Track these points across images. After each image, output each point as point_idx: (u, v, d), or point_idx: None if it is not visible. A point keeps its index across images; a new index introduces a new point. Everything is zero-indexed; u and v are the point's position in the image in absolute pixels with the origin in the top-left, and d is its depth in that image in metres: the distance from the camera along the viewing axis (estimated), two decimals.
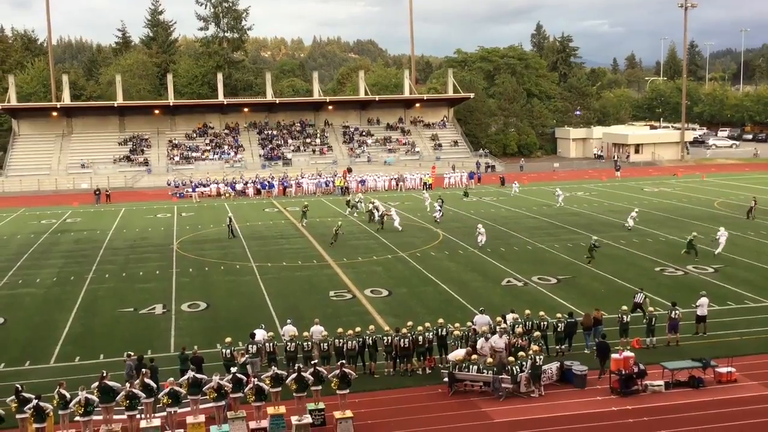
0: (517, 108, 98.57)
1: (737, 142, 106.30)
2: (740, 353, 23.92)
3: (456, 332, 23.85)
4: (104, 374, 19.41)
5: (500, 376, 21.43)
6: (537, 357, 21.73)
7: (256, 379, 19.91)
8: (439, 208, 50.92)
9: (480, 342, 23.20)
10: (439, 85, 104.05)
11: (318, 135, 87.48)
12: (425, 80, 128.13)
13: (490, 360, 22.17)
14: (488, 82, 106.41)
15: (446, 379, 22.06)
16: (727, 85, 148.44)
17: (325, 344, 23.01)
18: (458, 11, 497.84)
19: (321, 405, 19.81)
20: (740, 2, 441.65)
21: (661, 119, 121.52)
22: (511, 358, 21.86)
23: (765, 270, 35.04)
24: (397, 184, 69.41)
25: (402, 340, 23.12)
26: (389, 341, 23.22)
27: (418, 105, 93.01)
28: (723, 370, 22.16)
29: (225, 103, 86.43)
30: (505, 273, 35.61)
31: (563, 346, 24.92)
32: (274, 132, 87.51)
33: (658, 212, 51.68)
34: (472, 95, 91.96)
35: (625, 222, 46.67)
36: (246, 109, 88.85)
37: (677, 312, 25.43)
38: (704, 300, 26.40)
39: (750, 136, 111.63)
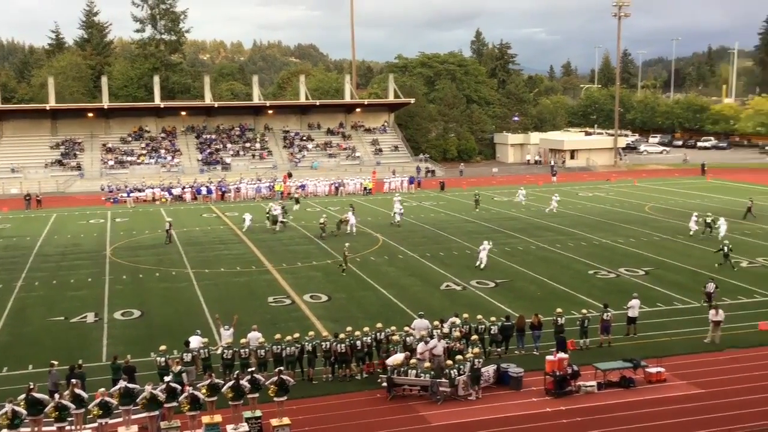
0: (457, 113, 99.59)
1: (668, 148, 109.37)
2: (669, 353, 24.62)
3: (395, 337, 23.93)
4: (31, 386, 18.83)
5: (438, 380, 21.58)
6: (476, 360, 21.97)
7: (191, 388, 19.59)
8: (399, 211, 51.20)
9: (419, 346, 23.34)
10: (380, 90, 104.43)
11: (258, 139, 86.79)
12: (366, 85, 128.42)
13: (428, 364, 22.30)
14: (429, 88, 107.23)
15: (385, 384, 22.11)
16: (659, 93, 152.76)
17: (263, 351, 22.81)
18: (399, 17, 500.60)
19: (258, 413, 19.61)
20: (671, 12, 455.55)
21: (596, 125, 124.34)
22: (450, 362, 22.04)
23: (693, 272, 36.12)
24: (337, 190, 69.33)
25: (340, 345, 23.08)
26: (328, 347, 23.16)
27: (358, 110, 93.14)
28: (653, 370, 22.77)
29: (162, 106, 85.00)
30: (444, 277, 35.89)
31: (500, 349, 25.29)
32: (213, 136, 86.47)
33: (592, 216, 52.81)
34: (412, 100, 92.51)
35: (548, 206, 50.02)
36: (183, 113, 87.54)
37: (609, 314, 26.04)
38: (635, 302, 27.09)
39: (680, 143, 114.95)
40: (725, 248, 37.46)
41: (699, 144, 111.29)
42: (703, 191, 66.14)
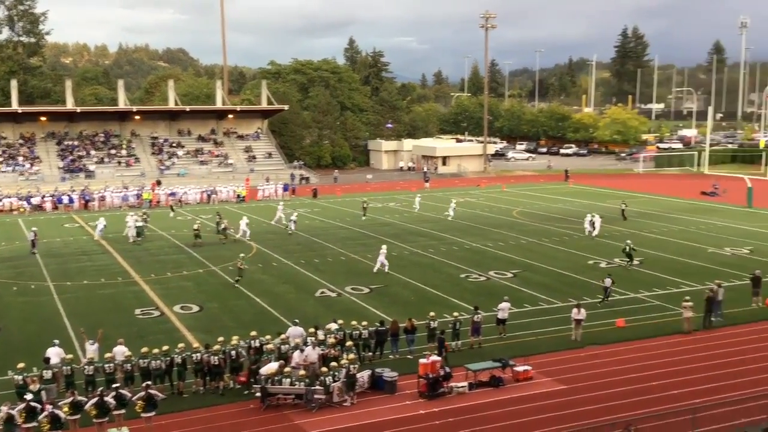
0: (331, 120, 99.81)
1: (533, 155, 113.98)
2: (536, 352, 25.60)
3: (269, 345, 23.61)
4: None
5: (313, 388, 21.46)
6: (351, 366, 22.00)
7: (51, 407, 18.55)
8: (293, 219, 50.87)
9: (295, 354, 23.14)
10: (253, 96, 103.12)
11: (124, 146, 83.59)
12: (239, 91, 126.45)
13: (303, 372, 22.13)
14: (302, 95, 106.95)
15: (258, 394, 21.76)
16: (524, 102, 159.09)
17: (129, 365, 21.92)
18: (272, 22, 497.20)
19: (125, 430, 18.85)
20: (535, 25, 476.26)
21: (466, 133, 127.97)
22: (324, 369, 21.97)
23: (557, 273, 37.73)
24: (210, 197, 67.84)
25: (212, 356, 22.53)
26: (199, 358, 22.55)
27: (231, 116, 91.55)
28: (520, 368, 23.58)
29: (19, 111, 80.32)
30: (319, 284, 35.80)
31: (375, 353, 25.48)
32: (75, 143, 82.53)
33: (463, 221, 54.18)
34: (286, 107, 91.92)
35: (446, 212, 52.83)
36: (43, 118, 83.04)
37: (479, 315, 26.78)
38: (505, 305, 27.95)
39: (544, 150, 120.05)
40: (627, 248, 39.57)
41: (562, 151, 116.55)
42: (566, 196, 69.29)
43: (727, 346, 26.54)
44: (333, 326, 25.38)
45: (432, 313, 26.70)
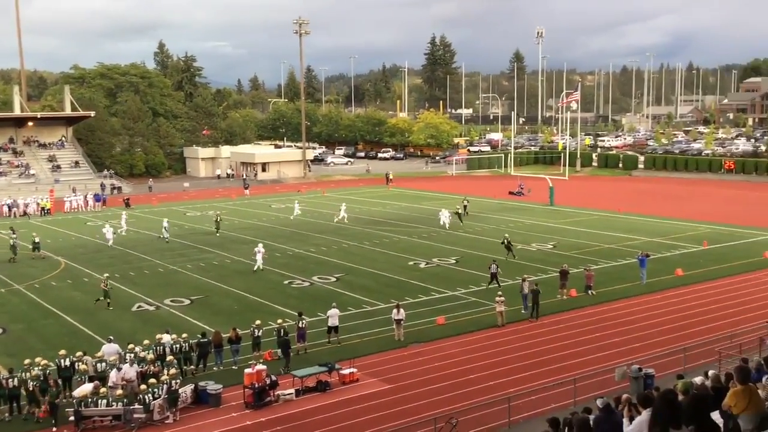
0: (143, 127, 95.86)
1: (352, 160, 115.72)
2: (361, 354, 25.93)
3: (82, 366, 22.24)
4: None
5: (132, 407, 20.44)
6: (173, 381, 21.17)
7: None
8: (165, 229, 49.21)
9: (112, 374, 21.95)
10: (56, 102, 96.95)
11: None
12: (39, 97, 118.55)
13: (120, 392, 21.02)
14: (110, 100, 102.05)
15: (72, 418, 20.40)
16: (341, 107, 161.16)
17: None
18: (75, 25, 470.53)
19: None
20: (349, 32, 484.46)
21: (285, 138, 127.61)
22: (144, 387, 20.98)
23: (378, 275, 38.49)
24: (11, 210, 62.89)
25: (11, 380, 20.86)
26: (4, 383, 20.80)
27: (31, 123, 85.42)
28: (346, 371, 23.79)
29: None
30: (136, 298, 34.24)
31: (198, 366, 24.74)
32: None
33: (285, 228, 53.95)
34: (92, 113, 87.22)
35: (337, 216, 54.97)
36: None
37: (304, 321, 26.74)
38: (335, 311, 27.99)
39: (362, 154, 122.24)
40: (505, 241, 41.99)
41: (379, 155, 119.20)
42: (386, 199, 70.93)
43: (537, 337, 28.26)
44: (166, 337, 24.43)
45: (258, 322, 26.36)
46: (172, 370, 21.97)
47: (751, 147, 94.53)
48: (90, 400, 20.45)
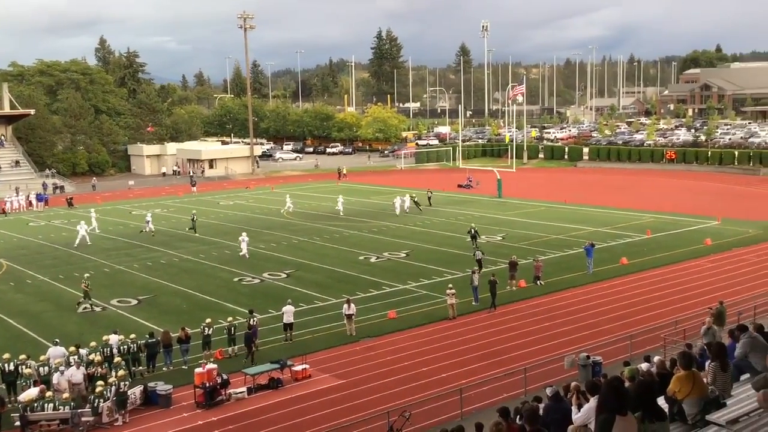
0: (85, 125, 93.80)
1: (301, 155, 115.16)
2: (313, 350, 25.83)
3: (27, 370, 21.72)
4: None
5: (79, 410, 20.04)
6: (122, 383, 20.81)
7: None
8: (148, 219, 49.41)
9: (55, 377, 21.46)
10: None
11: None
12: None
13: (67, 395, 20.58)
14: (51, 98, 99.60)
15: (18, 423, 19.91)
16: (289, 102, 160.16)
17: None
18: (13, 21, 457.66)
19: None
20: (294, 26, 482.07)
21: (232, 135, 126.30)
22: (100, 389, 20.56)
23: (329, 270, 38.40)
24: None
25: None
26: None
27: None
28: (298, 368, 23.68)
29: None
30: (80, 298, 33.47)
31: (148, 367, 24.38)
32: None
33: (234, 224, 53.40)
34: (32, 111, 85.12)
35: (284, 208, 56.40)
36: None
37: (255, 318, 26.54)
38: (289, 308, 27.83)
39: (311, 149, 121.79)
40: (472, 230, 42.98)
41: (328, 150, 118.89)
42: (336, 194, 70.70)
43: (488, 328, 28.54)
44: (113, 338, 24.03)
45: (208, 320, 26.11)
46: (121, 372, 21.59)
47: (692, 137, 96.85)
48: (36, 404, 19.98)
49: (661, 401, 9.86)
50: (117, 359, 22.88)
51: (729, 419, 9.20)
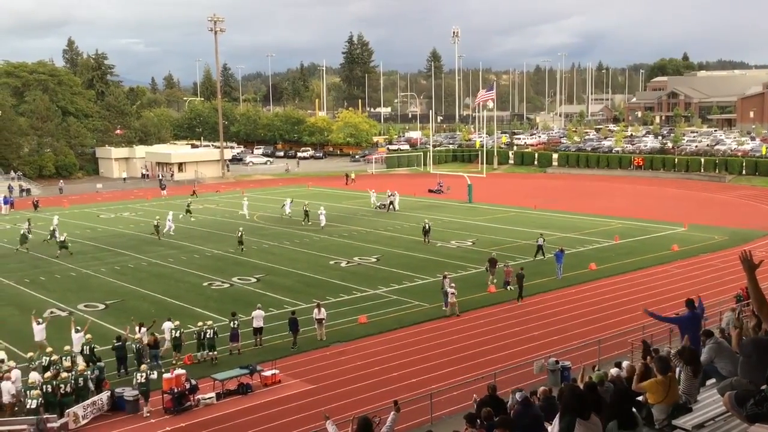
0: (52, 127, 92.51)
1: (271, 159, 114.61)
2: (282, 355, 25.72)
3: None
4: None
5: (45, 416, 19.74)
6: (80, 378, 20.75)
7: None
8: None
9: (2, 384, 21.13)
10: None
11: None
12: None
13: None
14: (17, 99, 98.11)
15: None
16: (259, 106, 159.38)
17: None
18: None
19: None
20: (265, 30, 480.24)
21: (202, 138, 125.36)
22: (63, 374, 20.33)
23: (299, 275, 38.24)
24: None
25: None
26: None
27: None
28: (268, 373, 23.55)
29: None
30: (48, 303, 33.05)
31: (120, 371, 24.13)
32: None
33: (203, 228, 53.01)
34: None
35: (283, 208, 56.42)
36: None
37: (237, 321, 26.41)
38: (259, 312, 27.65)
39: (282, 153, 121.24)
40: (427, 226, 44.66)
41: (299, 154, 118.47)
42: (306, 198, 70.43)
43: (458, 333, 28.62)
44: (77, 336, 23.89)
45: (177, 322, 25.90)
46: (81, 365, 21.37)
47: (659, 144, 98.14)
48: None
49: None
50: (81, 366, 22.45)
51: (695, 424, 9.32)
